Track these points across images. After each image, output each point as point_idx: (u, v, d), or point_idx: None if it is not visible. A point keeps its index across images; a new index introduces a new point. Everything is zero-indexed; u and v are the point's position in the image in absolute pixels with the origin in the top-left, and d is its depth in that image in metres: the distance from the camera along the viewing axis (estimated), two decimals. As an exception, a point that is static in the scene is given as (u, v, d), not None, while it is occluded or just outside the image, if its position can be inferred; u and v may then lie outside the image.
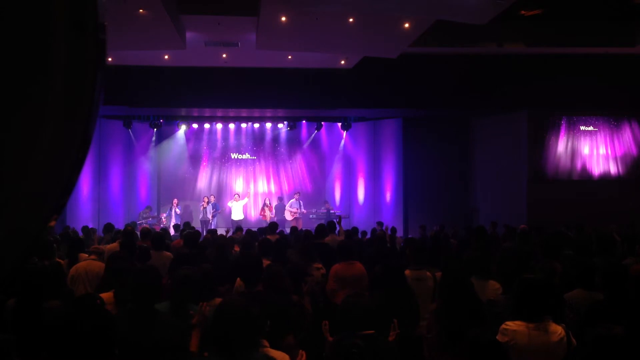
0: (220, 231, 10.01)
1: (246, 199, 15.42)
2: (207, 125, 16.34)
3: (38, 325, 2.97)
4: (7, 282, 3.16)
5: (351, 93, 13.66)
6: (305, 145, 16.73)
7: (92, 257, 5.11)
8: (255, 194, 16.33)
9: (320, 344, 3.13)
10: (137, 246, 5.74)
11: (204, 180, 16.37)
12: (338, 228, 8.15)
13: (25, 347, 2.76)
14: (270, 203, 15.38)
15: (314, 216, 14.93)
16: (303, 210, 15.03)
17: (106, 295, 3.71)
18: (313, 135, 16.57)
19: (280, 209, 15.30)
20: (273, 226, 8.54)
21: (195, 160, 16.41)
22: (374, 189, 16.24)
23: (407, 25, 10.11)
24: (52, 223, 0.86)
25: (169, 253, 5.97)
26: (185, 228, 9.02)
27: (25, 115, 0.77)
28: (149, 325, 2.78)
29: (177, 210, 14.82)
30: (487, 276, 4.16)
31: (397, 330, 2.98)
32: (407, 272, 4.61)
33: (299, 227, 12.40)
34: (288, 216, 15.04)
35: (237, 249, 6.65)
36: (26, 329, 2.90)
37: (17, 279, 3.17)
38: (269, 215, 14.95)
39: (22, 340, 2.74)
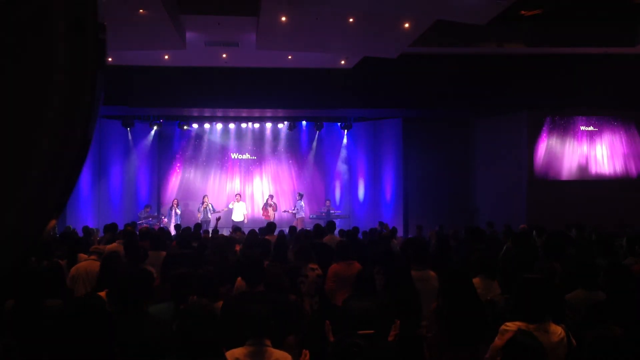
0: (222, 231, 10.00)
1: (246, 203, 15.42)
2: (207, 125, 16.35)
3: (38, 325, 2.96)
4: (5, 283, 3.15)
5: (351, 93, 13.66)
6: (307, 146, 16.73)
7: (93, 257, 5.10)
8: (261, 194, 16.35)
9: (320, 344, 3.13)
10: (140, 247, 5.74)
11: (203, 180, 16.37)
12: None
13: (26, 347, 2.76)
14: (273, 202, 15.36)
15: (314, 216, 14.93)
16: (287, 209, 15.06)
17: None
18: (316, 136, 16.57)
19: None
20: (271, 226, 8.52)
21: (195, 160, 16.41)
22: (374, 189, 16.25)
23: (407, 25, 10.11)
24: (52, 223, 0.86)
25: (166, 253, 5.95)
26: (195, 230, 8.99)
27: (25, 116, 0.77)
28: (137, 326, 2.78)
29: (178, 210, 14.81)
30: (494, 276, 4.15)
31: (397, 330, 2.98)
32: (412, 272, 4.60)
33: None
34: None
35: (237, 248, 6.64)
36: (26, 330, 2.90)
37: (14, 280, 3.16)
38: (272, 214, 14.93)
39: (22, 340, 2.74)
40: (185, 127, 16.00)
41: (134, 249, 5.33)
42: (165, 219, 14.73)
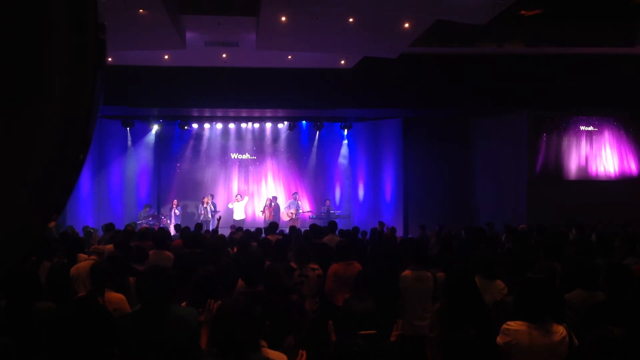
0: (222, 231, 9.99)
1: (246, 198, 15.47)
2: (207, 125, 16.35)
3: (28, 327, 2.95)
4: (3, 282, 3.15)
5: (351, 93, 13.65)
6: (307, 146, 16.72)
7: (93, 257, 5.10)
8: (261, 194, 16.34)
9: (321, 344, 3.13)
10: (133, 246, 5.74)
11: (203, 180, 16.37)
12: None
13: (24, 347, 2.76)
14: (272, 205, 15.34)
15: (314, 216, 14.92)
16: (300, 211, 14.95)
17: (116, 296, 3.72)
18: (317, 136, 16.56)
19: (278, 209, 15.32)
20: (273, 226, 8.51)
21: (195, 160, 16.41)
22: (374, 189, 16.25)
23: (407, 25, 10.11)
24: (52, 223, 0.85)
25: (169, 253, 5.97)
26: (196, 230, 8.99)
27: (25, 116, 0.76)
28: (157, 324, 2.77)
29: (177, 211, 14.81)
30: (493, 276, 4.15)
31: (399, 330, 2.98)
32: (407, 272, 4.60)
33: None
34: (285, 217, 14.99)
35: (236, 249, 6.64)
36: (17, 331, 2.89)
37: (7, 281, 3.15)
38: (268, 215, 14.92)
39: (17, 340, 2.74)
40: (185, 127, 16.00)
41: (126, 249, 5.34)
42: (165, 219, 14.73)
